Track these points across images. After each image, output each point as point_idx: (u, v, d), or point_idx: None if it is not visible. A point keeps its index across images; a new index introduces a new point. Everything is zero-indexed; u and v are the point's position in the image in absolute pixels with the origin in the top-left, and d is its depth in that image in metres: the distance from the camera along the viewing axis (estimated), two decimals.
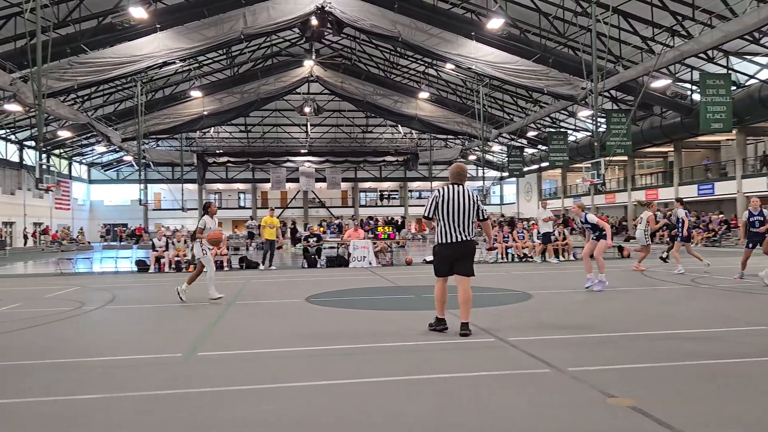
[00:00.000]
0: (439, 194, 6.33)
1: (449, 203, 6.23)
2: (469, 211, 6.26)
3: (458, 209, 6.21)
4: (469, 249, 6.30)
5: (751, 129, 31.34)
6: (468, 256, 6.30)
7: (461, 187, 6.33)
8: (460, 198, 6.24)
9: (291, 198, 59.46)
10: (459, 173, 6.46)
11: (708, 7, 21.85)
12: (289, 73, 42.10)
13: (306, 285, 12.01)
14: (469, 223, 6.26)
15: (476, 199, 6.34)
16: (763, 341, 5.73)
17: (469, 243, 6.27)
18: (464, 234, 6.22)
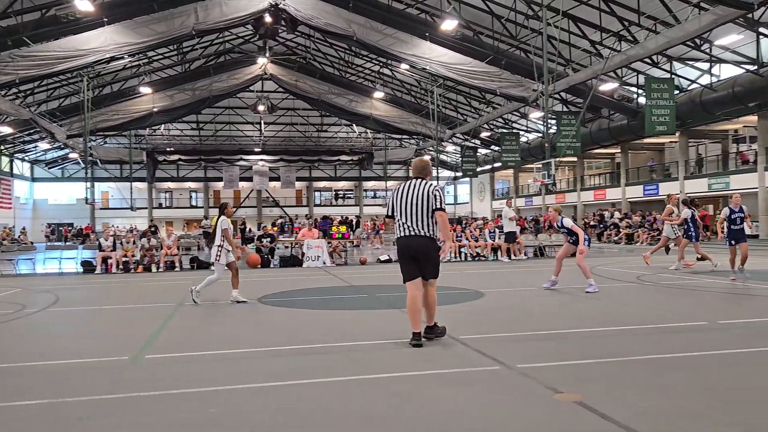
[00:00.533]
0: (395, 190, 6.04)
1: (403, 197, 5.89)
2: (421, 203, 5.75)
3: (409, 202, 5.80)
4: (424, 245, 5.76)
5: (692, 132, 32.56)
6: (425, 254, 5.78)
7: (419, 181, 5.93)
8: (414, 191, 5.84)
9: (244, 197, 58.70)
10: (418, 167, 6.09)
11: (653, 13, 22.59)
12: (243, 70, 41.54)
13: (259, 285, 11.87)
14: (422, 217, 5.75)
15: (432, 191, 5.79)
16: (704, 336, 5.95)
17: (422, 238, 5.74)
18: (416, 228, 5.74)
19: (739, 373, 4.51)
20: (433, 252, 5.81)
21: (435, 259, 5.83)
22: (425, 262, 5.78)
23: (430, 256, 5.78)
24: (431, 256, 5.79)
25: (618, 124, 32.88)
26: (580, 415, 3.57)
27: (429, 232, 5.76)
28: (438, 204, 5.76)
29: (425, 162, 6.23)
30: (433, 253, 5.81)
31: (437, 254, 5.83)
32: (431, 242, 5.79)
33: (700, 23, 19.79)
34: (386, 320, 7.35)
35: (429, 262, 5.79)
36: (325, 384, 4.43)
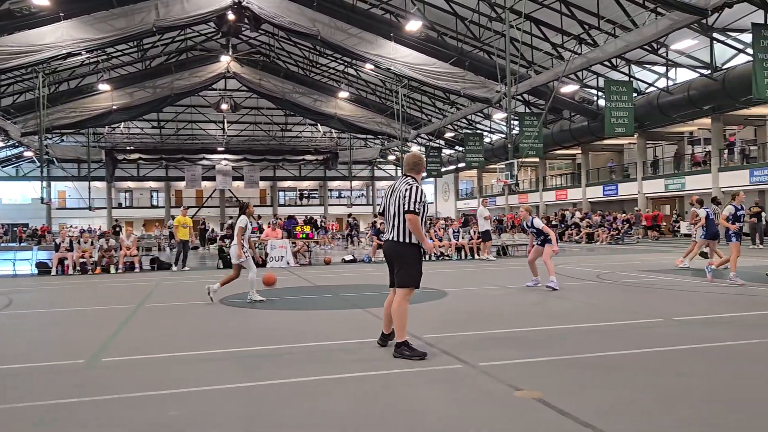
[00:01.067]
0: (388, 188, 5.57)
1: (386, 196, 5.48)
2: (395, 204, 5.25)
3: (388, 202, 5.38)
4: (397, 252, 5.28)
5: (650, 133, 33.40)
6: (397, 260, 5.30)
7: (403, 179, 5.39)
8: (394, 190, 5.36)
9: (207, 197, 57.87)
10: (409, 163, 5.51)
11: (612, 17, 23.09)
12: (205, 68, 40.95)
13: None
14: (395, 218, 5.25)
15: (405, 190, 5.22)
16: (658, 332, 6.11)
17: (393, 243, 5.28)
18: (390, 230, 5.32)
19: (692, 369, 4.64)
20: (403, 258, 5.27)
21: (404, 265, 5.27)
22: (395, 268, 5.37)
23: (399, 261, 5.30)
24: (401, 262, 5.29)
25: (579, 126, 33.53)
26: (540, 412, 3.63)
27: (400, 236, 5.24)
28: (408, 205, 5.15)
29: (417, 157, 5.57)
30: (403, 259, 5.27)
31: (408, 261, 5.27)
32: (401, 246, 5.26)
33: (657, 28, 20.32)
34: (351, 320, 7.35)
35: (398, 269, 5.32)
36: (289, 385, 4.40)
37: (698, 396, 3.92)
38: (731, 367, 4.64)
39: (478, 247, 18.98)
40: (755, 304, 7.86)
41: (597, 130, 30.74)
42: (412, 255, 5.29)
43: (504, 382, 4.29)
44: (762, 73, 18.67)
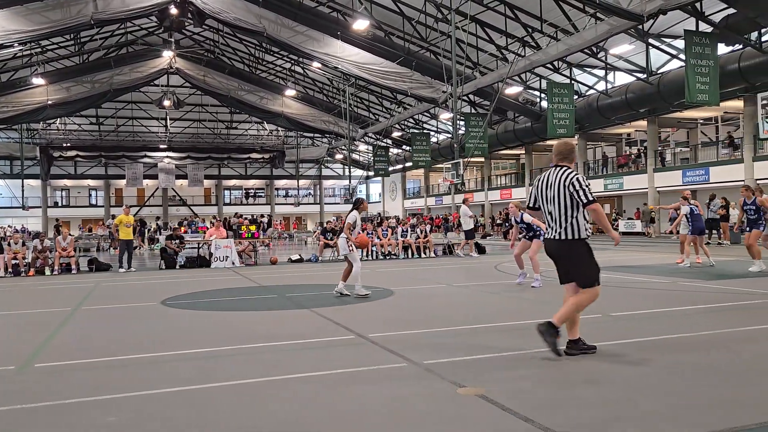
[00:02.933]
0: (537, 179, 5.25)
1: (540, 191, 5.15)
2: (559, 199, 4.96)
3: (545, 199, 5.08)
4: (565, 251, 4.99)
5: (590, 135, 34.47)
6: (568, 260, 5.02)
7: (558, 170, 5.07)
8: (552, 182, 5.03)
9: (149, 195, 56.31)
10: (562, 151, 5.17)
11: (554, 21, 23.71)
12: (146, 63, 39.85)
13: (163, 287, 11.43)
14: (562, 213, 4.95)
15: (570, 183, 4.91)
16: (597, 327, 6.30)
17: (562, 243, 4.98)
18: (556, 230, 5.00)
19: (629, 362, 4.81)
20: (575, 256, 4.98)
21: (579, 264, 4.99)
22: (568, 268, 5.07)
23: (571, 261, 5.01)
24: (573, 261, 5.00)
25: (522, 127, 34.26)
26: (482, 408, 3.69)
27: (569, 234, 4.95)
28: (586, 197, 4.88)
29: (570, 145, 5.25)
30: (575, 257, 4.98)
31: (583, 258, 4.98)
32: (570, 245, 4.97)
33: (597, 32, 20.97)
34: (296, 321, 7.28)
35: (573, 269, 5.03)
36: (232, 387, 4.33)
37: (635, 388, 4.06)
38: (668, 359, 4.83)
39: (425, 246, 19.14)
40: (693, 300, 8.20)
41: (540, 131, 31.49)
42: (584, 251, 5.00)
43: (447, 379, 4.34)
44: (694, 78, 19.53)
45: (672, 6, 18.34)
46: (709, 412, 3.54)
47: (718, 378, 4.27)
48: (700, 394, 3.89)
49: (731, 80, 21.92)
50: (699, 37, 19.85)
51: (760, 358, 4.87)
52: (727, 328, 6.01)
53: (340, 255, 9.57)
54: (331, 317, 7.28)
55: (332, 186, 64.54)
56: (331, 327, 6.67)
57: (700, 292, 8.85)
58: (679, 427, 3.26)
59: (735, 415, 3.45)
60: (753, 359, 4.83)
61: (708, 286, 9.51)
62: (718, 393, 3.91)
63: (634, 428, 3.28)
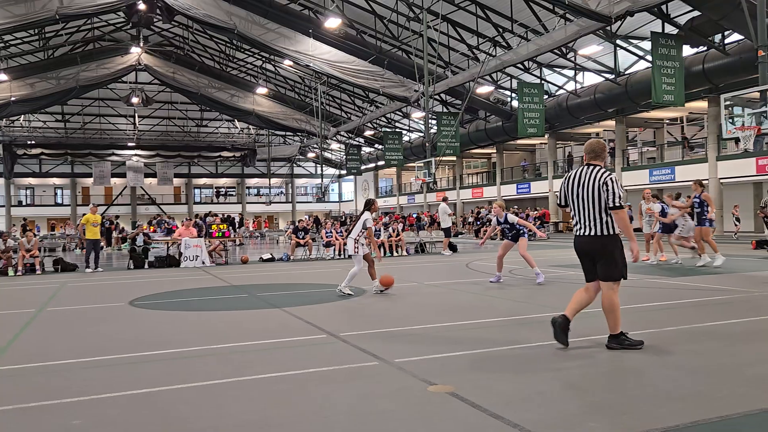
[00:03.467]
0: (566, 178, 5.34)
1: (569, 189, 5.26)
2: (591, 197, 5.08)
3: (579, 195, 5.16)
4: (597, 246, 5.10)
5: (560, 134, 34.91)
6: (598, 255, 5.13)
7: (590, 169, 5.17)
8: (584, 181, 5.14)
9: (117, 194, 55.30)
10: (594, 150, 5.27)
11: (525, 21, 23.95)
12: (114, 59, 39.13)
13: (131, 287, 11.25)
14: (593, 212, 5.08)
15: (603, 183, 5.03)
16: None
17: (594, 239, 5.10)
18: (586, 227, 5.13)
19: (596, 357, 4.88)
20: (606, 251, 5.09)
21: (608, 259, 5.09)
22: (599, 262, 5.15)
23: (601, 255, 5.11)
24: (603, 255, 5.11)
25: (494, 126, 34.54)
26: (452, 405, 3.71)
27: (600, 230, 5.06)
28: (614, 201, 4.98)
29: (601, 144, 5.35)
30: (606, 252, 5.09)
31: (613, 254, 5.09)
32: (603, 240, 5.08)
33: (566, 33, 21.24)
34: (267, 320, 7.23)
35: (601, 263, 5.13)
36: (200, 388, 4.27)
37: (602, 383, 4.12)
38: (631, 355, 4.91)
39: (397, 244, 19.17)
40: (657, 296, 8.35)
41: (511, 131, 31.78)
42: (615, 247, 5.11)
43: (418, 377, 4.35)
44: (660, 79, 19.92)
45: (639, 8, 18.67)
46: (669, 405, 3.61)
47: (679, 373, 4.37)
48: (662, 389, 3.96)
49: (696, 81, 22.41)
50: (665, 39, 20.26)
51: (718, 353, 4.99)
52: (687, 324, 6.14)
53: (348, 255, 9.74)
54: (302, 316, 7.25)
55: (304, 185, 64.24)
56: (303, 326, 6.63)
57: (664, 289, 9.03)
58: (642, 421, 3.32)
59: (693, 409, 3.53)
60: (711, 354, 4.94)
61: (673, 283, 9.71)
62: (678, 387, 4.00)
63: (601, 423, 3.33)
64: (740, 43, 20.86)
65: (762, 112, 13.78)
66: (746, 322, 6.24)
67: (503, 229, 10.64)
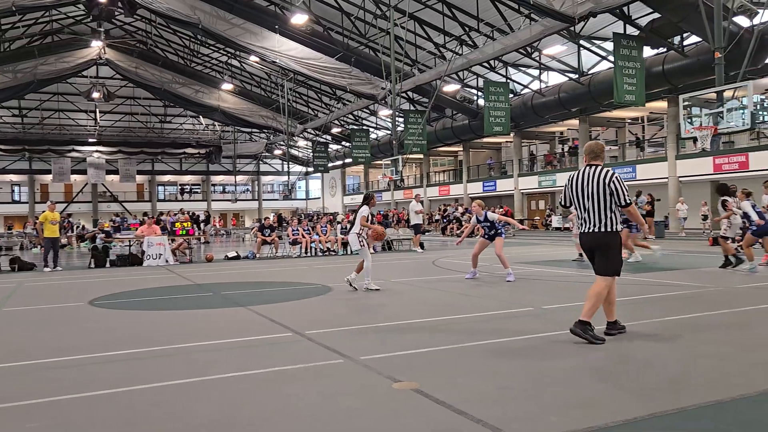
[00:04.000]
0: (569, 179, 5.62)
1: (575, 188, 5.52)
2: (596, 195, 5.36)
3: (585, 194, 5.43)
4: (601, 242, 5.41)
5: (525, 133, 35.35)
6: (601, 250, 5.45)
7: (593, 169, 5.46)
8: (588, 181, 5.42)
9: (77, 191, 53.99)
10: (594, 151, 5.58)
11: (490, 21, 24.16)
12: (74, 53, 38.14)
13: (92, 286, 11.00)
14: (599, 211, 5.37)
15: (609, 182, 5.33)
16: (529, 320, 6.48)
17: (599, 235, 5.38)
18: (592, 224, 5.42)
19: (561, 353, 4.96)
20: (608, 247, 5.41)
21: (608, 254, 5.42)
22: (598, 257, 5.48)
23: (603, 251, 5.43)
24: (605, 251, 5.42)
25: (460, 124, 34.79)
26: (417, 402, 3.72)
27: (606, 227, 5.37)
28: (623, 199, 5.34)
29: (601, 146, 5.67)
30: (608, 248, 5.42)
31: (613, 250, 5.43)
32: (608, 237, 5.39)
33: (531, 33, 21.51)
34: (231, 319, 7.14)
35: (601, 258, 5.44)
36: (163, 389, 4.20)
37: (566, 378, 4.18)
38: (593, 350, 5.00)
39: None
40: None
41: (477, 129, 32.07)
42: (615, 244, 5.43)
43: (383, 374, 4.35)
44: (622, 79, 20.33)
45: (601, 9, 19.01)
46: (628, 399, 3.69)
47: (639, 368, 4.46)
48: (622, 383, 4.05)
49: (656, 82, 22.94)
50: (626, 40, 20.67)
51: (674, 347, 5.12)
52: (644, 320, 6.28)
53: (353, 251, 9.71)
54: (267, 315, 7.19)
55: (271, 182, 63.72)
56: (268, 325, 6.58)
57: (625, 285, 9.22)
58: (604, 415, 3.38)
59: (653, 401, 3.61)
60: (669, 348, 5.07)
61: (633, 279, 9.92)
62: (639, 380, 4.09)
63: (561, 417, 3.38)
64: (698, 45, 21.43)
65: (718, 113, 14.17)
66: (704, 316, 6.41)
67: (483, 227, 10.67)
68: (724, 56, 15.02)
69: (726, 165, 24.08)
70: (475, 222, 10.90)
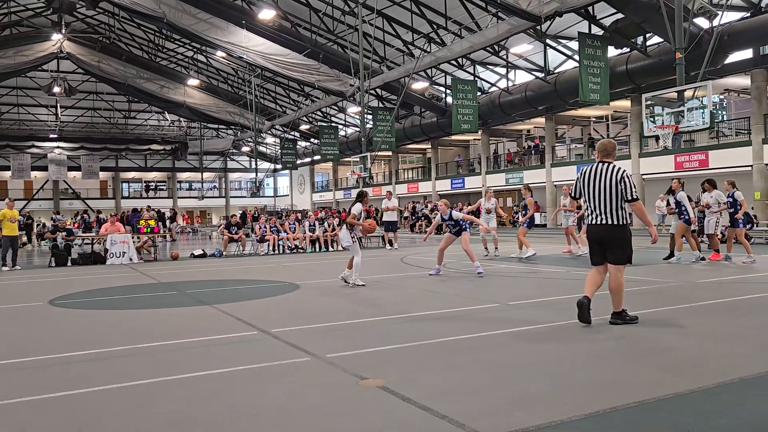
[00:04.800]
0: (582, 173, 5.94)
1: (589, 182, 5.84)
2: (609, 191, 5.72)
3: (597, 189, 5.77)
4: (613, 234, 5.76)
5: (493, 130, 35.66)
6: (613, 242, 5.78)
7: (605, 165, 5.82)
8: (602, 176, 5.76)
9: (38, 188, 52.60)
10: (607, 149, 5.96)
11: (458, 19, 24.29)
12: (33, 46, 37.11)
13: (52, 286, 10.73)
14: (610, 205, 5.72)
15: (620, 178, 5.71)
16: (494, 316, 6.54)
17: (610, 228, 5.75)
18: (603, 217, 5.76)
19: (523, 348, 5.01)
20: (619, 239, 5.77)
21: (620, 246, 5.78)
22: (611, 249, 5.79)
23: (614, 242, 5.77)
24: (616, 242, 5.77)
25: (429, 122, 34.92)
26: (382, 399, 3.71)
27: (616, 220, 5.73)
28: (631, 194, 5.69)
29: (613, 144, 6.07)
30: (619, 240, 5.77)
31: (625, 241, 5.79)
32: (618, 229, 5.74)
33: (498, 31, 21.69)
34: (196, 318, 7.04)
35: (615, 249, 5.77)
36: (123, 389, 4.11)
37: (527, 373, 4.23)
38: (556, 345, 5.07)
39: (333, 240, 19.08)
40: (581, 288, 8.65)
41: (445, 126, 32.21)
42: (627, 235, 5.83)
43: (349, 372, 4.34)
44: (587, 78, 20.65)
45: (567, 9, 19.27)
46: (590, 393, 3.74)
47: (602, 360, 4.54)
48: (585, 377, 4.11)
49: (620, 81, 23.36)
50: (591, 40, 21.00)
51: (641, 340, 5.22)
52: (609, 315, 6.38)
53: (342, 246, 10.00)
54: (233, 313, 7.10)
55: (238, 179, 63.05)
56: (233, 323, 6.50)
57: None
58: (567, 408, 3.42)
59: (615, 395, 3.67)
60: (633, 342, 5.16)
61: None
62: (599, 375, 4.15)
63: (527, 412, 3.42)
64: (660, 46, 21.89)
65: (679, 112, 14.49)
66: (664, 311, 6.56)
67: (448, 226, 10.88)
68: (685, 57, 15.37)
69: (687, 163, 24.67)
70: (440, 220, 11.02)
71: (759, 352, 4.69)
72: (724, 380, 3.89)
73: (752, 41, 20.57)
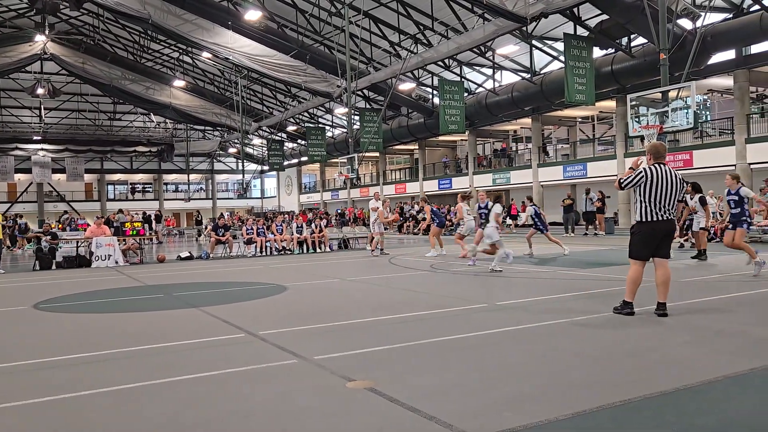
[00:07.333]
0: (645, 173, 6.19)
1: (661, 182, 6.15)
2: (675, 190, 6.21)
3: (666, 190, 6.15)
4: (673, 228, 6.39)
5: (480, 131, 35.77)
6: (671, 236, 6.40)
7: (667, 167, 6.26)
8: (670, 178, 6.18)
9: (22, 191, 52.02)
10: (662, 151, 6.44)
11: (445, 20, 24.35)
12: (16, 48, 36.72)
13: (37, 289, 10.62)
14: (673, 202, 6.25)
15: (680, 179, 6.31)
16: (483, 316, 6.56)
17: (673, 223, 6.36)
18: (670, 213, 6.26)
19: (512, 349, 5.04)
20: (672, 234, 6.43)
21: (671, 240, 6.42)
22: (668, 243, 6.33)
23: (670, 237, 6.35)
24: (671, 236, 6.37)
25: (416, 122, 34.96)
26: (370, 401, 3.72)
27: (673, 215, 6.37)
28: (682, 195, 6.55)
29: (664, 147, 6.63)
30: (672, 235, 6.42)
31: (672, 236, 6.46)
32: (675, 224, 6.48)
33: (485, 32, 21.78)
34: (183, 320, 7.00)
35: (670, 243, 6.38)
36: (111, 393, 4.08)
37: (516, 373, 4.25)
38: (544, 345, 5.10)
39: (320, 241, 19.06)
40: (569, 287, 8.71)
41: (432, 127, 32.26)
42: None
43: (337, 374, 4.34)
44: (572, 79, 20.78)
45: (552, 10, 19.38)
46: (578, 392, 3.77)
47: (590, 359, 4.57)
48: (572, 377, 4.14)
49: (605, 82, 23.53)
50: (576, 41, 21.14)
51: (628, 340, 5.27)
52: (596, 314, 6.44)
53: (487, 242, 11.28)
54: (220, 316, 7.07)
55: (225, 180, 62.75)
56: (221, 326, 6.47)
57: (576, 280, 9.44)
58: (552, 408, 3.45)
59: (602, 394, 3.71)
60: (621, 341, 5.21)
61: (583, 274, 10.17)
62: (588, 374, 4.19)
63: (515, 412, 3.44)
64: (644, 47, 22.08)
65: (664, 112, 14.63)
66: (650, 310, 6.61)
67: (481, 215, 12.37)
68: (669, 57, 15.50)
69: (672, 163, 24.87)
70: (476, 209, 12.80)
71: (744, 351, 4.74)
72: (710, 378, 3.93)
73: (735, 42, 20.81)
